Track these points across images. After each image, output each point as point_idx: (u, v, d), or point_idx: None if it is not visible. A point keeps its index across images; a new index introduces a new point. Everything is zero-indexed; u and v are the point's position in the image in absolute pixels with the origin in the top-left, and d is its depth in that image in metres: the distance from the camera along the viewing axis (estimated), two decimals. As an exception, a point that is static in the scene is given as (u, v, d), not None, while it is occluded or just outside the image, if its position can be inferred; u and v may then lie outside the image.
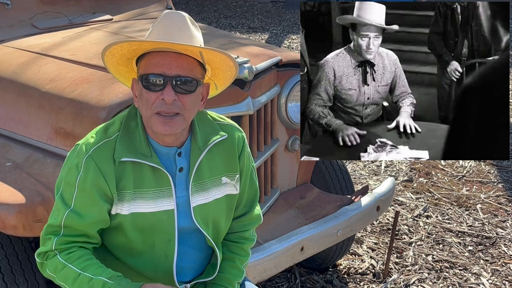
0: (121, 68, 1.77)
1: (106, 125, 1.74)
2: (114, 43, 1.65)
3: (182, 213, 1.75)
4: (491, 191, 4.31)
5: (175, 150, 1.74)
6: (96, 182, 1.66)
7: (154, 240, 1.75)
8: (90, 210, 1.68)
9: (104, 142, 1.69)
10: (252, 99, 2.55)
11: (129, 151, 1.67)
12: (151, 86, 1.62)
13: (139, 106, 1.69)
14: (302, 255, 2.65)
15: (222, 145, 1.80)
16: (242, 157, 1.85)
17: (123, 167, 1.68)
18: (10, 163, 2.34)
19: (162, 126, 1.64)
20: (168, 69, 1.61)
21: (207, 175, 1.77)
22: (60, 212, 1.69)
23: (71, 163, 1.69)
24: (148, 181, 1.70)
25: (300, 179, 3.06)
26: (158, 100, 1.62)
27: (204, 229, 1.78)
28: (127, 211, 1.69)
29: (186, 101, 1.64)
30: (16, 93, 2.52)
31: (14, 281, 2.29)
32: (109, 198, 1.68)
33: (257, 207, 1.98)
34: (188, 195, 1.75)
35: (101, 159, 1.66)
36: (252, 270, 2.41)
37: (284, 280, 3.23)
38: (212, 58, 1.70)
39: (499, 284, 3.24)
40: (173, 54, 1.62)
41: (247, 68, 2.45)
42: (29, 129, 2.44)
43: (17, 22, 3.09)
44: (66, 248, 1.70)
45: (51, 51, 2.76)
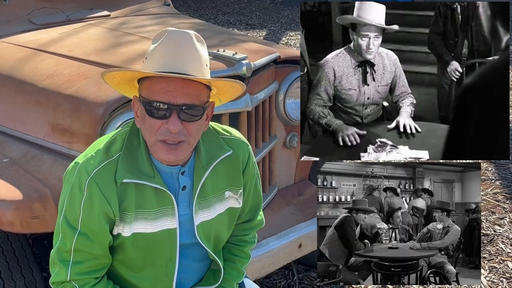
0: (122, 86, 1.69)
1: (108, 143, 1.66)
2: (117, 70, 1.60)
3: (185, 231, 1.72)
4: (488, 189, 4.31)
5: (178, 169, 1.68)
6: (100, 205, 1.61)
7: (155, 258, 1.72)
8: (98, 232, 1.63)
9: (105, 164, 1.62)
10: (250, 96, 2.54)
11: (131, 172, 1.61)
12: (155, 112, 1.54)
13: (141, 128, 1.62)
14: (300, 252, 2.66)
15: (226, 160, 1.75)
16: (247, 171, 1.81)
17: (125, 188, 1.63)
18: (7, 160, 2.33)
19: (166, 155, 1.58)
20: (174, 97, 1.52)
21: (210, 192, 1.73)
22: (67, 235, 1.64)
23: (73, 185, 1.63)
24: (151, 202, 1.65)
25: (298, 176, 3.06)
26: (162, 127, 1.55)
27: (205, 244, 1.75)
28: (128, 233, 1.66)
29: (192, 128, 1.57)
30: (13, 89, 2.50)
31: (11, 277, 2.29)
32: (112, 220, 1.64)
33: (261, 212, 1.95)
34: (191, 213, 1.71)
35: (103, 182, 1.60)
36: (250, 267, 2.41)
37: (281, 277, 3.23)
38: (220, 85, 1.64)
39: (497, 282, 3.24)
40: (179, 81, 1.53)
41: (245, 64, 2.44)
42: (27, 126, 2.42)
43: (14, 18, 3.07)
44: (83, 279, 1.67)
45: (49, 47, 2.74)
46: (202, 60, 1.57)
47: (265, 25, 9.93)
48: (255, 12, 10.92)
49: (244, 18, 10.43)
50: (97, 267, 1.69)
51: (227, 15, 10.66)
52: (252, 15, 10.68)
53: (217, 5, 11.53)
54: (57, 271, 1.67)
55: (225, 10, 11.14)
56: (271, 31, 9.48)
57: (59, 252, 1.66)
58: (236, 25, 9.81)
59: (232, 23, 10.03)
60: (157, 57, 1.55)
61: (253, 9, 11.24)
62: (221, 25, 9.52)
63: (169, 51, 1.54)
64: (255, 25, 9.93)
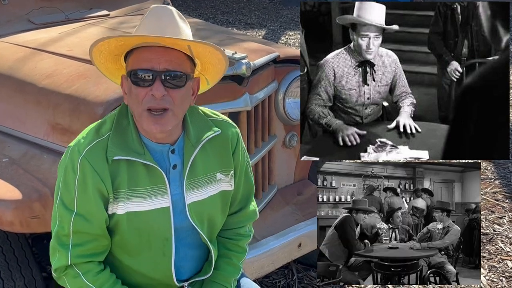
0: (110, 65, 1.75)
1: (98, 125, 1.72)
2: (101, 39, 1.63)
3: (178, 211, 1.74)
4: (488, 188, 4.31)
5: (168, 147, 1.72)
6: (94, 182, 1.64)
7: (151, 239, 1.73)
8: (94, 211, 1.66)
9: (96, 142, 1.67)
10: (250, 95, 2.55)
11: (122, 149, 1.66)
12: (140, 81, 1.61)
13: (129, 103, 1.67)
14: (300, 252, 2.66)
15: (215, 141, 1.79)
16: (237, 153, 1.84)
17: (117, 166, 1.66)
18: (6, 159, 2.33)
19: (152, 125, 1.62)
20: (157, 63, 1.60)
21: (201, 172, 1.76)
22: (64, 218, 1.67)
23: (66, 166, 1.67)
24: (142, 180, 1.68)
25: (298, 175, 3.06)
26: (147, 95, 1.60)
27: (198, 226, 1.77)
28: (122, 211, 1.68)
29: (176, 96, 1.62)
30: (13, 89, 2.50)
31: (10, 277, 2.29)
32: (106, 198, 1.67)
33: (253, 202, 1.97)
34: (183, 192, 1.74)
35: (95, 159, 1.65)
36: (249, 266, 2.42)
37: (281, 277, 3.23)
38: (201, 52, 1.68)
39: (496, 281, 3.24)
40: (161, 49, 1.60)
41: (245, 64, 2.44)
42: (26, 125, 2.42)
43: (13, 17, 3.07)
44: (85, 265, 1.69)
45: (48, 46, 2.74)
46: (182, 32, 1.64)
47: (264, 24, 9.93)
48: (254, 12, 10.92)
49: (243, 18, 10.43)
50: (97, 249, 1.71)
51: (226, 15, 10.66)
52: (251, 15, 10.68)
53: (216, 4, 11.52)
54: (58, 256, 1.69)
55: (224, 9, 11.14)
56: (270, 30, 9.48)
57: (58, 236, 1.68)
58: (235, 25, 9.81)
59: (231, 22, 10.03)
60: (141, 29, 1.64)
61: (252, 8, 11.23)
62: (220, 24, 9.52)
63: (151, 23, 1.63)
64: (254, 24, 9.93)
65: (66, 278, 1.70)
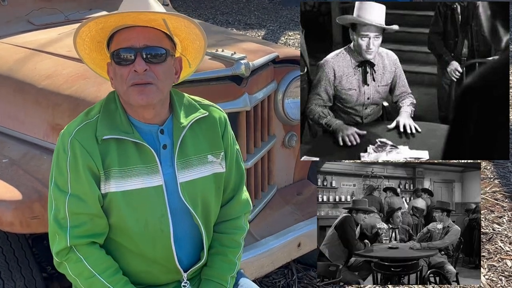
0: (95, 56, 1.82)
1: (87, 110, 1.80)
2: (81, 25, 1.71)
3: (170, 190, 1.77)
4: (487, 187, 4.31)
5: (157, 127, 1.77)
6: (84, 161, 1.69)
7: (147, 217, 1.76)
8: (87, 190, 1.70)
9: (85, 124, 1.73)
10: (249, 95, 2.55)
11: (111, 129, 1.72)
12: (122, 61, 1.68)
13: (116, 87, 1.74)
14: (299, 251, 2.66)
15: (204, 123, 1.85)
16: (226, 135, 1.90)
17: (107, 145, 1.71)
18: (6, 160, 2.33)
19: (138, 95, 1.68)
20: (136, 41, 1.68)
21: (191, 152, 1.80)
22: (59, 201, 1.71)
23: (58, 149, 1.73)
24: (133, 158, 1.73)
25: (297, 175, 3.07)
26: (131, 73, 1.67)
27: (192, 207, 1.79)
28: (115, 189, 1.71)
29: (158, 71, 1.69)
30: (13, 89, 2.50)
31: (11, 277, 2.29)
32: (97, 176, 1.71)
33: (245, 192, 2.00)
34: (174, 172, 1.77)
35: (84, 138, 1.71)
36: (249, 266, 2.42)
37: (281, 276, 3.23)
38: (177, 27, 1.74)
39: (496, 280, 3.25)
40: (139, 28, 1.69)
41: (244, 64, 2.44)
42: (26, 126, 2.42)
43: (13, 18, 3.07)
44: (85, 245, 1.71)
45: (47, 47, 2.74)
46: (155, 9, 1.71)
47: (263, 25, 9.93)
48: (254, 12, 10.93)
49: (243, 18, 10.43)
50: (95, 230, 1.73)
51: (225, 15, 10.67)
52: (251, 15, 10.68)
53: (216, 5, 11.53)
54: (58, 240, 1.71)
55: (223, 10, 11.15)
56: (270, 30, 9.48)
57: (56, 220, 1.71)
58: (234, 25, 9.81)
59: (230, 23, 10.03)
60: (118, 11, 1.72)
61: (252, 9, 11.24)
62: (220, 25, 9.52)
63: (126, 5, 1.73)
64: (254, 25, 9.93)
65: (68, 263, 1.72)
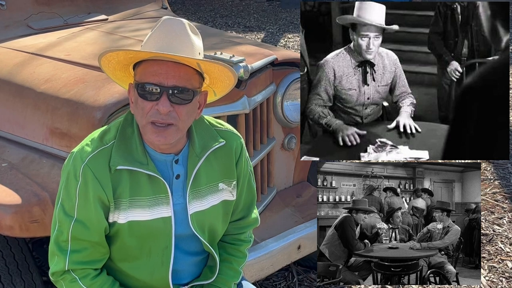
0: (118, 73, 1.74)
1: (102, 132, 1.71)
2: (110, 50, 1.62)
3: (179, 220, 1.74)
4: (487, 188, 4.31)
5: (172, 157, 1.71)
6: (95, 190, 1.63)
7: (151, 247, 1.73)
8: (94, 219, 1.66)
9: (99, 150, 1.66)
10: (248, 98, 2.55)
11: (125, 159, 1.65)
12: (147, 95, 1.59)
13: (134, 112, 1.66)
14: (299, 254, 2.66)
15: (219, 151, 1.78)
16: (240, 163, 1.83)
17: (120, 175, 1.65)
18: (6, 164, 2.33)
19: (155, 137, 1.61)
20: (165, 78, 1.58)
21: (204, 182, 1.75)
22: (64, 224, 1.67)
23: (69, 173, 1.67)
24: (145, 189, 1.67)
25: (297, 177, 3.06)
26: (153, 109, 1.59)
27: (200, 235, 1.77)
28: (123, 220, 1.67)
29: (182, 112, 1.61)
30: (12, 93, 2.50)
31: (11, 281, 2.29)
32: (106, 206, 1.66)
33: (255, 210, 1.96)
34: (185, 202, 1.73)
35: (97, 167, 1.64)
36: (249, 269, 2.41)
37: (281, 279, 3.23)
38: (210, 69, 1.66)
39: (496, 281, 3.24)
40: (170, 64, 1.59)
41: (243, 67, 2.44)
42: (25, 130, 2.42)
43: (12, 22, 3.07)
44: (82, 270, 1.69)
45: (47, 51, 2.74)
46: (194, 47, 1.62)
47: (263, 27, 9.93)
48: (253, 15, 10.93)
49: (242, 21, 10.43)
50: (95, 257, 1.70)
51: (225, 18, 10.67)
52: (250, 18, 10.69)
53: (215, 7, 11.54)
54: (56, 261, 1.69)
55: (223, 12, 11.15)
56: (269, 33, 9.48)
57: (57, 241, 1.68)
58: (234, 28, 9.82)
59: (230, 25, 10.04)
60: (151, 42, 1.61)
61: (251, 11, 11.24)
62: (219, 27, 9.53)
63: (162, 36, 1.60)
64: (253, 27, 9.93)
65: (64, 282, 1.70)
